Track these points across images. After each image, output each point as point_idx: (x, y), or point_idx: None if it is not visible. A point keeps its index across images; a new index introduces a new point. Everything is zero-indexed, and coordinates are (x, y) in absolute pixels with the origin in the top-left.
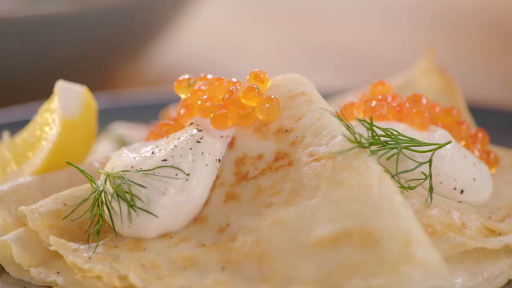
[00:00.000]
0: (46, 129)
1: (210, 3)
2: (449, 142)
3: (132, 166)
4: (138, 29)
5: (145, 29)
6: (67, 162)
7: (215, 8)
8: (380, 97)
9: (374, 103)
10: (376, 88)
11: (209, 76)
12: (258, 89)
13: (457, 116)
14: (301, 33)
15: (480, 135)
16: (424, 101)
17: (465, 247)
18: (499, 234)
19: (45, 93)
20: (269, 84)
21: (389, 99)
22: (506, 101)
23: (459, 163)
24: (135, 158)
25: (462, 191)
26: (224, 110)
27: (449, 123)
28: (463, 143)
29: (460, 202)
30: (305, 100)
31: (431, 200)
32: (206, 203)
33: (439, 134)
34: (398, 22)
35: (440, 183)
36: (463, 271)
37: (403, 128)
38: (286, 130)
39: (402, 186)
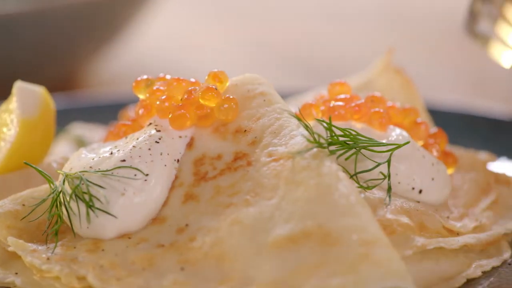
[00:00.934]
0: (4, 129)
1: (168, 3)
2: (407, 142)
3: (90, 167)
4: (96, 30)
5: (103, 30)
6: (25, 163)
7: (173, 8)
8: (338, 97)
9: (332, 103)
10: (335, 88)
11: (168, 77)
12: (216, 89)
13: (416, 116)
14: (260, 34)
15: (438, 135)
16: (382, 101)
17: (424, 247)
18: (458, 234)
19: (3, 94)
20: (227, 84)
21: (347, 99)
22: (464, 101)
23: (418, 163)
24: (93, 159)
25: (420, 191)
26: (182, 111)
27: (407, 123)
28: (421, 143)
29: (418, 202)
30: (264, 100)
31: (389, 200)
32: (165, 203)
33: (398, 134)
34: (356, 22)
35: (399, 183)
36: (421, 271)
37: (361, 128)
38: (245, 130)
39: (361, 186)
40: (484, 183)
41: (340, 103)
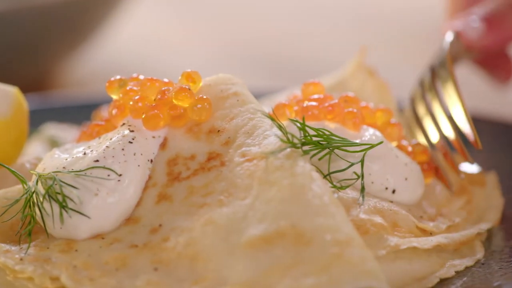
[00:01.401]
0: None
1: (142, 3)
2: (381, 142)
3: (64, 167)
4: (69, 30)
5: (76, 30)
6: None
7: (146, 9)
8: (312, 97)
9: (306, 103)
10: (308, 88)
11: (141, 77)
12: (190, 89)
13: (389, 117)
14: (234, 33)
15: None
16: (356, 101)
17: (397, 247)
18: (431, 233)
19: None
20: (201, 84)
21: (321, 99)
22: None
23: (391, 163)
24: (66, 159)
25: (394, 191)
26: (156, 111)
27: (381, 123)
28: (395, 143)
29: (391, 201)
30: (237, 100)
31: (363, 200)
32: (138, 203)
33: (371, 134)
34: (330, 21)
35: (372, 182)
36: (395, 271)
37: (335, 128)
38: (219, 131)
39: (334, 186)
40: (457, 184)
41: (314, 103)
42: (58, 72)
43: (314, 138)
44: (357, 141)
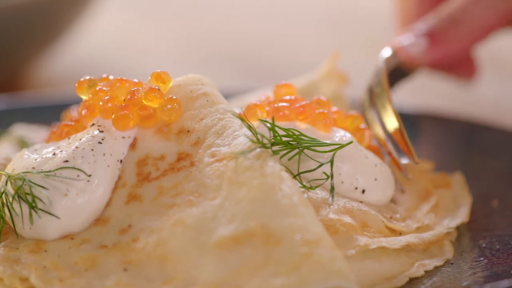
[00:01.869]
0: None
1: (111, 4)
2: (350, 142)
3: (33, 168)
4: (38, 31)
5: (45, 31)
6: None
7: (116, 9)
8: (284, 98)
9: (277, 104)
10: (280, 90)
11: (111, 77)
12: (159, 90)
13: (360, 122)
14: (204, 34)
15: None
16: (328, 105)
17: (367, 246)
18: (400, 233)
19: None
20: (170, 85)
21: (292, 100)
22: (411, 107)
23: (361, 163)
24: (36, 160)
25: (363, 191)
26: (125, 111)
27: (351, 128)
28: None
29: (361, 202)
30: (207, 100)
31: (332, 199)
32: (108, 204)
33: (341, 135)
34: (304, 22)
35: (342, 182)
36: (364, 270)
37: (306, 129)
38: (188, 131)
39: (304, 186)
40: (422, 191)
41: (285, 103)
42: (27, 72)
43: (284, 138)
44: (327, 141)
